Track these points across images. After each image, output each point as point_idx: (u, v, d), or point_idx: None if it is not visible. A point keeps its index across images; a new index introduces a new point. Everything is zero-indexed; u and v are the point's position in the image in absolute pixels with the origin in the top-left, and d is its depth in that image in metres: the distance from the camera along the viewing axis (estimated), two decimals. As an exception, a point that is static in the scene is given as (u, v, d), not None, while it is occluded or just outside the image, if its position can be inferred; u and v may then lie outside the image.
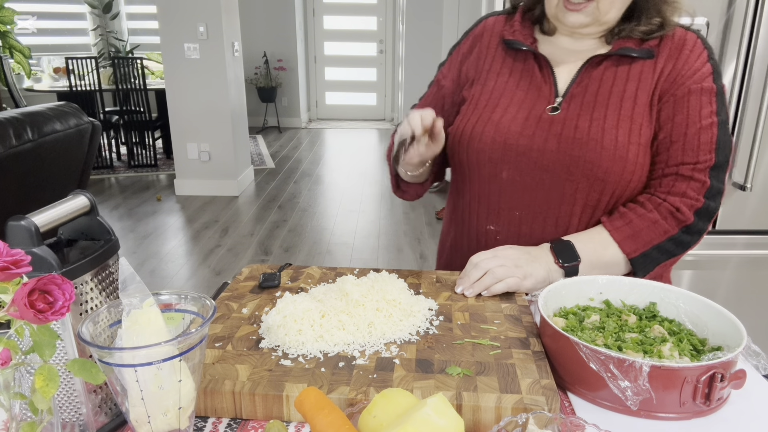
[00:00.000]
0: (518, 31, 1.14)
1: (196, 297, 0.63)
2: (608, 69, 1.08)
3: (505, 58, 1.16)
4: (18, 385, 0.52)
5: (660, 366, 0.69)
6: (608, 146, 1.03)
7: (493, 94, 1.14)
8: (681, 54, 1.05)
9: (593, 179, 1.04)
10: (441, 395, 0.61)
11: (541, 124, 1.07)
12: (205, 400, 0.72)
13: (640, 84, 1.05)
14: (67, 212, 0.68)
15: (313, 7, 8.46)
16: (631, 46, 1.05)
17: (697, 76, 1.04)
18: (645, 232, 1.03)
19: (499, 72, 1.15)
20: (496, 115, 1.11)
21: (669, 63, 1.05)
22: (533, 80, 1.11)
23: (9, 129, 1.96)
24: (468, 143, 1.12)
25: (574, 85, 1.09)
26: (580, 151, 1.04)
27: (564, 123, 1.06)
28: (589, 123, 1.05)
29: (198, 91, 4.95)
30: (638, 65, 1.06)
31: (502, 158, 1.09)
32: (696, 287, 2.00)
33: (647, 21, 1.05)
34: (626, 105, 1.04)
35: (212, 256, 3.90)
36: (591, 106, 1.06)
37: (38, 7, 7.21)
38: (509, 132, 1.09)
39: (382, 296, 0.89)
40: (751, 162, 1.81)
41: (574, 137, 1.05)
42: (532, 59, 1.12)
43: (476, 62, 1.19)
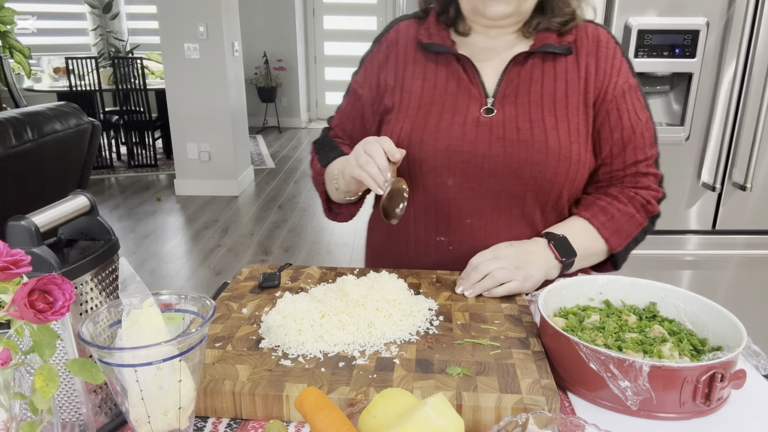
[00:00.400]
0: (435, 34, 1.11)
1: (196, 297, 0.63)
2: (534, 67, 1.08)
3: (426, 62, 1.13)
4: (18, 385, 0.52)
5: (660, 366, 0.69)
6: (553, 147, 1.04)
7: (422, 100, 1.10)
8: (599, 51, 1.09)
9: (542, 180, 1.06)
10: (441, 395, 0.61)
11: (481, 128, 1.06)
12: (205, 400, 0.72)
13: (568, 83, 1.07)
14: (67, 212, 0.68)
15: (313, 7, 8.45)
16: (552, 42, 1.07)
17: (622, 74, 1.09)
18: (626, 226, 1.09)
19: (424, 77, 1.12)
20: (431, 122, 1.08)
21: (591, 61, 1.08)
22: (460, 83, 1.09)
23: (9, 129, 1.96)
24: (408, 153, 1.08)
25: (503, 85, 1.08)
26: (526, 153, 1.04)
27: (504, 125, 1.06)
28: (530, 124, 1.05)
29: (198, 91, 4.95)
30: (562, 63, 1.08)
31: (447, 166, 1.07)
32: (696, 287, 2.00)
33: (560, 12, 1.07)
34: (560, 105, 1.06)
35: (212, 256, 3.90)
36: (526, 107, 1.06)
37: (38, 7, 7.21)
38: (450, 138, 1.06)
39: (382, 296, 0.89)
40: (751, 162, 1.81)
41: (519, 139, 1.05)
42: (455, 61, 1.10)
43: (395, 69, 1.15)
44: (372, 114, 1.19)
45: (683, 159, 1.87)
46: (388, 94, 1.15)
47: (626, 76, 1.10)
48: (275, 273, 1.06)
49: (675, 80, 1.81)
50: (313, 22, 8.54)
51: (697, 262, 1.98)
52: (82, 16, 7.76)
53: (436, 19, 1.13)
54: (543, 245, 1.05)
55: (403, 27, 1.18)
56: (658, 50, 1.75)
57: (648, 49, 1.74)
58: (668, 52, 1.75)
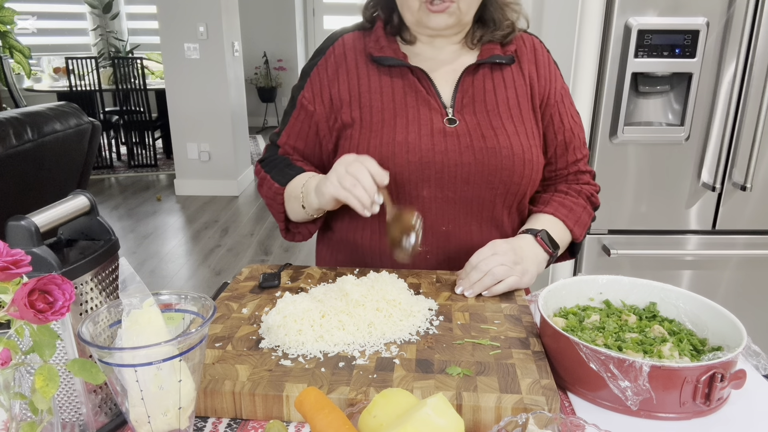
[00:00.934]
0: (385, 47, 1.11)
1: (196, 297, 0.63)
2: (485, 77, 1.12)
3: (380, 75, 1.12)
4: (18, 385, 0.52)
5: (660, 366, 0.69)
6: (518, 152, 1.09)
7: (384, 114, 1.10)
8: (537, 59, 1.16)
9: (510, 184, 1.10)
10: (441, 395, 0.61)
11: (449, 138, 1.08)
12: (205, 400, 0.72)
13: (517, 90, 1.13)
14: (67, 212, 0.68)
15: (313, 7, 8.45)
16: (498, 53, 1.12)
17: (558, 80, 1.18)
18: (582, 217, 1.17)
19: (381, 91, 1.11)
20: (399, 135, 1.08)
21: (532, 68, 1.15)
22: (419, 95, 1.10)
23: (9, 129, 1.96)
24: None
25: (459, 95, 1.11)
26: (496, 160, 1.07)
27: (470, 134, 1.08)
28: (494, 132, 1.09)
29: (198, 91, 4.95)
30: (508, 72, 1.13)
31: (421, 177, 1.08)
32: (696, 287, 2.00)
33: (501, 26, 1.12)
34: (514, 111, 1.12)
35: (212, 256, 3.90)
36: (485, 116, 1.10)
37: (38, 7, 7.21)
38: (422, 150, 1.07)
39: (382, 296, 0.89)
40: (751, 162, 1.81)
41: (487, 147, 1.07)
42: (409, 73, 1.11)
43: (348, 83, 1.13)
44: (328, 130, 1.16)
45: (683, 159, 1.87)
46: (345, 109, 1.13)
47: (561, 82, 1.19)
48: (275, 273, 1.06)
49: (675, 80, 1.81)
50: (313, 22, 8.54)
51: (697, 262, 1.98)
52: (82, 16, 7.77)
53: (383, 30, 1.13)
54: (531, 240, 1.08)
55: (348, 40, 1.16)
56: (658, 50, 1.75)
57: (648, 49, 1.74)
58: (668, 52, 1.75)
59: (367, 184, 0.96)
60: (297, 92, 1.18)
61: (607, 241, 1.94)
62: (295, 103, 1.18)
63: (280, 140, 1.20)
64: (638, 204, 1.91)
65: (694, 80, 1.77)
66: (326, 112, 1.15)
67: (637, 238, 1.94)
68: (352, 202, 0.96)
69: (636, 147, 1.85)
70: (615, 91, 1.80)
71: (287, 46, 8.10)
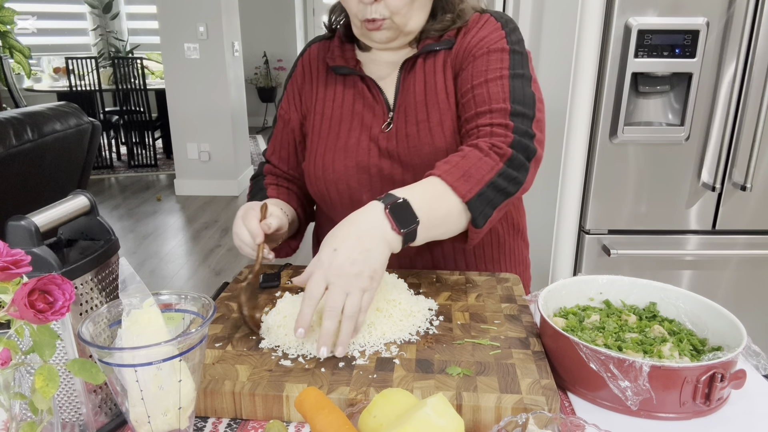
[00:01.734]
0: (339, 56, 1.12)
1: (196, 297, 0.63)
2: (419, 70, 1.09)
3: (336, 83, 1.14)
4: (18, 385, 0.52)
5: (660, 366, 0.69)
6: (440, 144, 1.04)
7: (332, 121, 1.12)
8: (470, 32, 1.07)
9: None
10: (441, 395, 0.61)
11: (381, 142, 1.08)
12: (205, 400, 0.72)
13: (446, 74, 1.07)
14: (67, 212, 0.68)
15: (313, 7, 8.46)
16: (432, 42, 1.08)
17: (485, 42, 1.04)
18: (474, 170, 0.92)
19: (334, 98, 1.14)
20: (341, 141, 1.10)
21: (463, 40, 1.07)
22: (366, 101, 1.11)
23: (9, 129, 1.96)
24: (323, 174, 1.10)
25: (400, 97, 1.10)
26: (419, 159, 1.05)
27: (396, 136, 1.07)
28: (417, 128, 1.06)
29: (198, 91, 4.95)
30: (440, 55, 1.08)
31: (359, 183, 1.09)
32: (696, 287, 2.00)
33: (441, 19, 1.08)
34: (441, 97, 1.06)
35: (212, 256, 3.90)
36: (413, 111, 1.08)
37: (38, 7, 7.21)
38: (358, 155, 1.08)
39: (382, 296, 0.89)
40: (751, 162, 1.81)
41: (409, 146, 1.06)
42: (360, 81, 1.12)
43: (310, 91, 1.17)
44: (302, 137, 1.19)
45: (683, 159, 1.87)
46: (309, 117, 1.16)
47: (491, 43, 1.03)
48: (275, 273, 1.06)
49: (675, 80, 1.81)
50: (313, 22, 8.54)
51: (697, 262, 1.98)
52: (82, 16, 7.77)
53: (340, 40, 1.14)
54: (378, 212, 0.85)
55: (314, 49, 1.19)
56: (658, 50, 1.75)
57: (648, 49, 1.74)
58: (668, 52, 1.75)
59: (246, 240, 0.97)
60: (278, 105, 1.23)
61: (607, 241, 1.94)
62: (277, 116, 1.22)
63: (267, 153, 1.23)
64: (638, 204, 1.91)
65: (694, 80, 1.77)
66: (300, 119, 1.18)
67: (637, 238, 1.94)
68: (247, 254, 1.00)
69: (636, 147, 1.85)
70: (615, 91, 1.80)
71: (287, 46, 8.11)
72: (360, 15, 1.02)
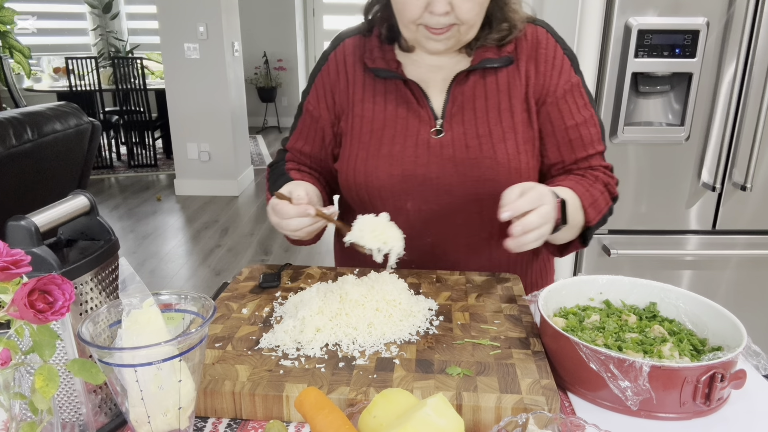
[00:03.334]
0: (379, 58, 1.08)
1: (196, 297, 0.63)
2: (477, 83, 1.08)
3: (375, 85, 1.10)
4: (18, 385, 0.52)
5: (660, 366, 0.69)
6: (502, 161, 1.04)
7: (374, 125, 1.09)
8: (538, 54, 1.07)
9: (495, 195, 1.01)
10: (441, 395, 0.61)
11: (432, 150, 1.06)
12: (205, 400, 0.72)
13: (511, 93, 1.07)
14: (67, 212, 0.68)
15: (313, 7, 8.46)
16: (491, 56, 1.05)
17: (564, 74, 1.08)
18: (599, 201, 1.06)
19: (374, 101, 1.10)
20: (384, 148, 1.07)
21: (530, 65, 1.07)
22: (410, 106, 1.08)
23: (9, 129, 1.96)
24: (365, 182, 1.08)
25: (449, 105, 1.08)
26: (478, 171, 1.05)
27: (453, 145, 1.06)
28: (478, 141, 1.05)
29: (198, 91, 4.95)
30: (503, 74, 1.07)
31: (404, 190, 1.07)
32: (696, 287, 2.00)
33: (498, 28, 1.05)
34: (505, 116, 1.06)
35: (212, 256, 3.90)
36: (473, 124, 1.06)
37: (38, 7, 7.21)
38: (404, 163, 1.06)
39: (382, 296, 0.89)
40: (751, 162, 1.81)
41: (469, 157, 1.05)
42: (402, 84, 1.09)
43: (346, 90, 1.12)
44: (333, 135, 1.16)
45: (683, 159, 1.87)
46: (344, 117, 1.13)
47: (568, 75, 1.08)
48: (275, 273, 1.06)
49: (675, 80, 1.81)
50: (313, 22, 8.54)
51: (697, 262, 1.98)
52: (82, 16, 7.77)
53: (379, 40, 1.10)
54: (553, 204, 0.92)
55: (348, 45, 1.14)
56: (658, 50, 1.75)
57: (648, 49, 1.74)
58: (668, 52, 1.75)
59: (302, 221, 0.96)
60: (304, 97, 1.19)
61: (607, 241, 1.94)
62: (302, 108, 1.18)
63: (288, 144, 1.21)
64: (638, 204, 1.91)
65: (694, 80, 1.77)
66: (331, 118, 1.15)
67: (637, 238, 1.94)
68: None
69: (636, 147, 1.85)
70: (615, 91, 1.80)
71: (287, 46, 8.11)
72: (421, 21, 0.98)
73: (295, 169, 1.18)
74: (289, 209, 0.95)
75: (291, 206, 0.95)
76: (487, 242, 1.13)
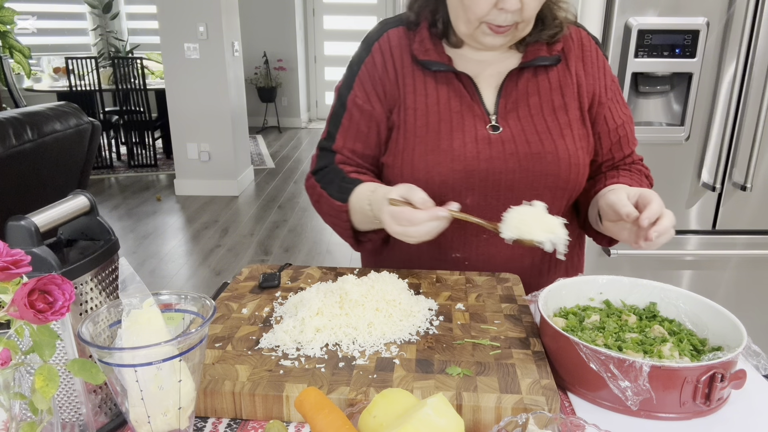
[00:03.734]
0: (431, 50, 1.07)
1: (196, 297, 0.63)
2: (529, 80, 1.09)
3: (425, 77, 1.09)
4: (18, 385, 0.52)
5: (660, 366, 0.69)
6: (563, 156, 1.06)
7: (429, 119, 1.07)
8: (585, 56, 1.12)
9: (555, 189, 1.07)
10: (441, 395, 0.61)
11: (494, 145, 1.06)
12: (205, 400, 0.72)
13: (563, 91, 1.09)
14: (67, 212, 0.68)
15: (313, 7, 8.45)
16: (543, 54, 1.08)
17: (608, 75, 1.14)
18: None
19: (425, 93, 1.08)
20: (444, 143, 1.06)
21: (579, 66, 1.11)
22: (463, 100, 1.07)
23: (9, 129, 1.96)
24: (426, 176, 1.06)
25: (502, 101, 1.08)
26: (540, 166, 1.05)
27: (514, 140, 1.06)
28: (538, 137, 1.06)
29: (198, 91, 4.95)
30: (554, 72, 1.10)
31: (466, 186, 1.06)
32: (696, 287, 2.00)
33: (550, 25, 1.07)
34: (560, 113, 1.08)
35: (212, 256, 3.90)
36: (530, 121, 1.07)
37: (38, 7, 7.21)
38: (466, 158, 1.05)
39: (382, 296, 0.89)
40: (751, 162, 1.81)
41: (531, 152, 1.05)
42: (455, 78, 1.08)
43: (396, 82, 1.10)
44: (386, 130, 1.12)
45: (683, 159, 1.87)
46: (395, 109, 1.10)
47: (610, 76, 1.14)
48: (275, 273, 1.06)
49: (675, 80, 1.81)
50: (313, 22, 8.54)
51: (697, 262, 1.98)
52: (82, 16, 7.77)
53: (429, 33, 1.09)
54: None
55: (394, 36, 1.12)
56: (658, 50, 1.75)
57: (648, 49, 1.74)
58: (668, 52, 1.75)
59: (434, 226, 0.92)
60: (346, 92, 1.13)
61: (607, 241, 1.94)
62: (345, 103, 1.13)
63: (336, 145, 1.14)
64: (638, 204, 1.91)
65: (694, 80, 1.77)
66: (383, 110, 1.11)
67: (637, 238, 1.94)
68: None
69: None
70: (615, 91, 1.80)
71: (287, 46, 8.11)
72: (486, 18, 0.98)
73: (354, 171, 1.12)
74: (420, 215, 0.89)
75: (421, 212, 0.89)
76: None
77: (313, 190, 1.15)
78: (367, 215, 1.04)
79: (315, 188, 1.14)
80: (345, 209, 1.08)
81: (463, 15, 1.01)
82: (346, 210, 1.08)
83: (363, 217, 1.06)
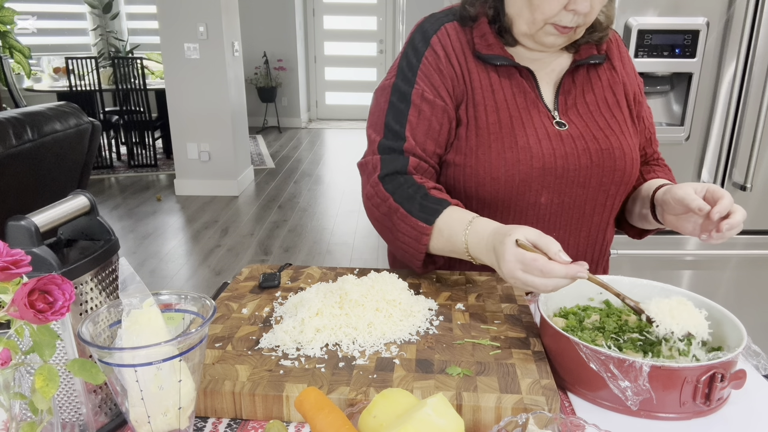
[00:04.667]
0: (494, 44, 1.06)
1: (196, 297, 0.63)
2: (582, 77, 1.11)
3: (488, 72, 1.06)
4: (18, 385, 0.52)
5: (660, 366, 0.69)
6: (628, 152, 1.08)
7: (500, 115, 1.04)
8: (621, 55, 1.16)
9: (620, 185, 1.09)
10: (441, 395, 0.61)
11: (566, 142, 1.05)
12: (205, 400, 0.72)
13: (613, 89, 1.12)
14: (67, 212, 0.68)
15: (313, 7, 8.45)
16: (595, 53, 1.10)
17: (637, 75, 1.18)
18: None
19: (492, 89, 1.06)
20: (520, 140, 1.03)
21: (619, 65, 1.14)
22: (528, 96, 1.06)
23: (9, 129, 1.96)
24: (505, 175, 1.02)
25: (561, 98, 1.08)
26: (611, 162, 1.06)
27: (584, 137, 1.06)
28: (603, 134, 1.07)
29: (198, 91, 4.95)
30: (602, 70, 1.12)
31: (542, 183, 1.04)
32: (696, 287, 2.00)
33: (600, 27, 1.09)
34: (615, 111, 1.10)
35: (212, 256, 3.90)
36: (591, 117, 1.08)
37: (38, 7, 7.21)
38: (543, 155, 1.03)
39: (382, 296, 0.89)
40: (751, 162, 1.81)
41: (602, 149, 1.06)
42: (517, 74, 1.07)
43: (461, 76, 1.06)
44: (454, 126, 1.07)
45: (683, 159, 1.87)
46: (462, 105, 1.06)
47: (638, 76, 1.18)
48: (275, 273, 1.06)
49: (675, 80, 1.81)
50: (313, 22, 8.54)
51: (697, 262, 1.98)
52: (82, 16, 7.76)
53: (491, 28, 1.07)
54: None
55: (451, 30, 1.08)
56: (658, 50, 1.75)
57: (648, 49, 1.74)
58: (668, 52, 1.75)
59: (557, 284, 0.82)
60: (406, 87, 1.07)
61: (607, 241, 1.94)
62: (409, 99, 1.06)
63: (407, 145, 1.05)
64: (638, 204, 1.91)
65: (694, 80, 1.77)
66: (453, 104, 1.06)
67: (637, 238, 1.94)
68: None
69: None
70: (615, 91, 1.80)
71: (287, 46, 8.10)
72: (554, 19, 0.98)
73: (433, 187, 1.03)
74: (558, 269, 0.79)
75: (558, 266, 0.79)
76: (603, 232, 1.14)
77: (384, 202, 1.03)
78: (455, 244, 0.96)
79: (386, 201, 1.03)
80: (427, 231, 0.98)
81: (528, 15, 1.00)
82: (428, 233, 0.98)
83: (446, 244, 0.98)
